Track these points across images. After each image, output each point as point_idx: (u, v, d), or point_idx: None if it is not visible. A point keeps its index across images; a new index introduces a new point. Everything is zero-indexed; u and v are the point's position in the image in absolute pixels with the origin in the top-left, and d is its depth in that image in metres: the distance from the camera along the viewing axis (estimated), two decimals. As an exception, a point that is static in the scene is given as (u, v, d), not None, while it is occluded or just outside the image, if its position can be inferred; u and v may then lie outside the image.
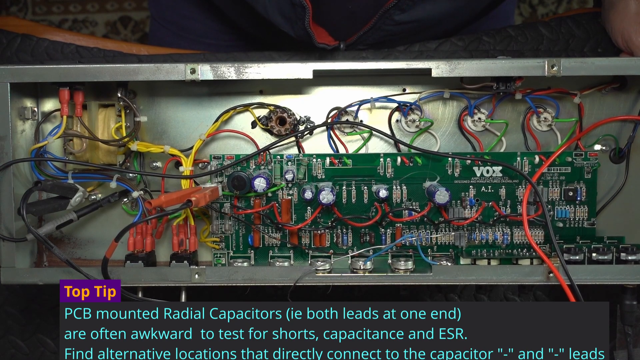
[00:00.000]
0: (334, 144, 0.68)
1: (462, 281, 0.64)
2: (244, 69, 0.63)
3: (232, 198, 0.67)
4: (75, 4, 2.02)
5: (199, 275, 0.64)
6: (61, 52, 0.80)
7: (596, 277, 0.63)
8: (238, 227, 0.68)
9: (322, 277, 0.64)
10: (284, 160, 0.67)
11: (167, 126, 0.69)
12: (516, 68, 0.62)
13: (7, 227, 0.63)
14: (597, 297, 0.75)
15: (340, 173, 0.67)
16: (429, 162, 0.66)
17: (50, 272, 0.64)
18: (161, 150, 0.66)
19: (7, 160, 0.63)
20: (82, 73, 0.63)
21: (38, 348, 0.79)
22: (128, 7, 2.02)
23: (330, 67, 0.63)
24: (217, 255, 0.68)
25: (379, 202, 0.66)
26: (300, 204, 0.67)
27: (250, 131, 0.69)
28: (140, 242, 0.68)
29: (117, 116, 0.67)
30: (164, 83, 0.68)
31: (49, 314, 0.79)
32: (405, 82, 0.68)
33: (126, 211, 0.70)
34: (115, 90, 0.66)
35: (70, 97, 0.64)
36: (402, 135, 0.69)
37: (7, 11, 2.00)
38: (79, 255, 0.71)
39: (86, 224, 0.70)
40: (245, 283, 0.64)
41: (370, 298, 0.78)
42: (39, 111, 0.68)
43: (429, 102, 0.68)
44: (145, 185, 0.69)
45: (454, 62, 0.62)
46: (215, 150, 0.69)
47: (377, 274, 0.64)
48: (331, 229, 0.68)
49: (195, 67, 0.63)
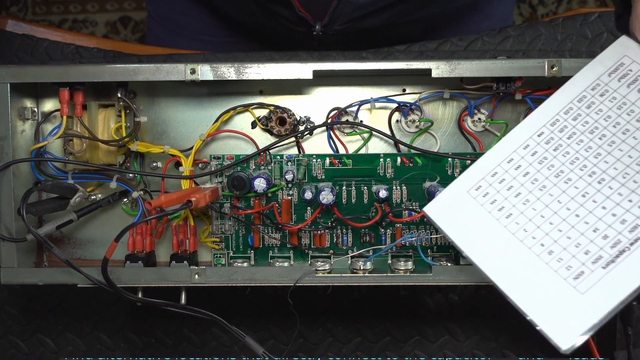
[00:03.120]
0: (334, 144, 0.68)
1: (462, 281, 0.63)
2: (244, 69, 0.63)
3: (232, 198, 0.67)
4: (75, 4, 2.02)
5: (199, 276, 0.64)
6: (61, 52, 0.80)
7: (596, 278, 0.63)
8: (238, 227, 0.68)
9: (322, 278, 0.64)
10: (284, 160, 0.67)
11: (167, 126, 0.69)
12: (516, 68, 0.62)
13: (7, 227, 0.63)
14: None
15: (340, 173, 0.67)
16: (428, 163, 0.66)
17: (50, 272, 0.64)
18: (161, 150, 0.66)
19: (7, 160, 0.63)
20: (82, 73, 0.63)
21: (38, 348, 0.79)
22: (128, 7, 2.01)
23: (330, 67, 0.63)
24: (217, 256, 0.68)
25: (379, 202, 0.66)
26: (300, 204, 0.67)
27: (250, 131, 0.69)
28: (140, 242, 0.68)
29: (117, 116, 0.67)
30: (164, 83, 0.68)
31: (49, 314, 0.79)
32: (405, 82, 0.68)
33: (126, 211, 0.70)
34: (115, 90, 0.66)
35: (70, 97, 0.64)
36: (402, 136, 0.69)
37: (7, 11, 2.00)
38: (79, 255, 0.71)
39: (86, 224, 0.71)
40: (245, 283, 0.64)
41: (370, 298, 0.78)
42: (39, 111, 0.68)
43: (429, 102, 0.68)
44: (145, 185, 0.69)
45: (454, 62, 0.62)
46: (215, 150, 0.69)
47: (377, 274, 0.64)
48: (331, 229, 0.68)
49: (195, 67, 0.63)
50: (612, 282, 0.49)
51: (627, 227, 0.50)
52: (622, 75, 0.57)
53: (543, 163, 0.56)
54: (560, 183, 0.54)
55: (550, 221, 0.53)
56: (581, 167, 0.54)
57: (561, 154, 0.56)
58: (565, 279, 0.50)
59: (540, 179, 0.55)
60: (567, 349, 0.48)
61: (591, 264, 0.50)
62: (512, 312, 0.50)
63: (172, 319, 0.78)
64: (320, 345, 0.79)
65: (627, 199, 0.52)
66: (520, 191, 0.56)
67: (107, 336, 0.79)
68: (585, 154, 0.55)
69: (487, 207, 0.56)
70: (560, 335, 0.48)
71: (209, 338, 0.79)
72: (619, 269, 0.49)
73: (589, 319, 0.48)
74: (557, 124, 0.57)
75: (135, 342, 0.79)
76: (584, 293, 0.49)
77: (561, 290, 0.49)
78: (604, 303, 0.48)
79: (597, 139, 0.55)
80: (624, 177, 0.53)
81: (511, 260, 0.53)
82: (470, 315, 0.77)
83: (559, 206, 0.53)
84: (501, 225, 0.54)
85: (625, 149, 0.54)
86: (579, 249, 0.51)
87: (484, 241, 0.55)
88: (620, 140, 0.54)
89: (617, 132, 0.55)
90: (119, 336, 0.79)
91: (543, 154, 0.56)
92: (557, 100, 0.59)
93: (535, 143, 0.57)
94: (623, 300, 0.48)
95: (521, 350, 0.78)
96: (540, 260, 0.51)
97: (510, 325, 0.78)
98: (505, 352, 0.78)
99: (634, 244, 0.50)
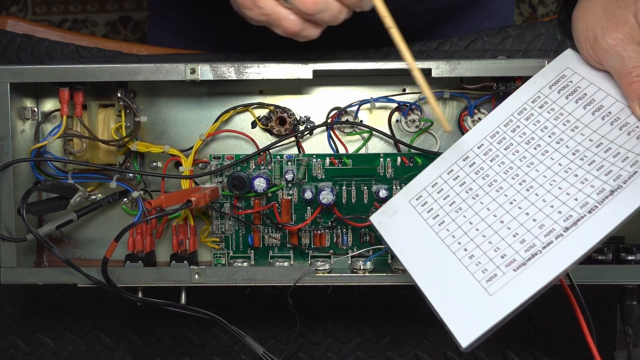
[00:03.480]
0: (334, 144, 0.68)
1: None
2: (244, 69, 0.63)
3: (232, 198, 0.67)
4: (75, 4, 2.02)
5: (199, 276, 0.64)
6: (61, 52, 0.80)
7: (596, 278, 0.63)
8: (238, 227, 0.68)
9: (322, 277, 0.64)
10: (284, 160, 0.67)
11: (167, 126, 0.69)
12: (516, 68, 0.62)
13: (7, 227, 0.63)
14: (597, 297, 0.75)
15: (340, 173, 0.67)
16: (428, 162, 0.66)
17: (50, 272, 0.64)
18: (161, 150, 0.66)
19: (7, 160, 0.63)
20: (82, 73, 0.63)
21: (38, 348, 0.79)
22: (128, 7, 2.01)
23: (330, 67, 0.63)
24: (217, 255, 0.68)
25: (379, 202, 0.66)
26: (300, 204, 0.67)
27: (250, 131, 0.69)
28: (140, 242, 0.68)
29: (117, 116, 0.67)
30: (164, 83, 0.68)
31: (49, 314, 0.79)
32: (405, 82, 0.68)
33: (126, 211, 0.70)
34: (115, 90, 0.66)
35: (70, 97, 0.64)
36: (402, 136, 0.69)
37: (7, 11, 2.00)
38: (79, 255, 0.71)
39: (86, 224, 0.71)
40: (245, 283, 0.64)
41: (370, 298, 0.78)
42: (39, 111, 0.68)
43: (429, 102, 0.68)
44: (145, 185, 0.69)
45: (454, 62, 0.62)
46: (215, 150, 0.69)
47: (377, 274, 0.64)
48: (331, 229, 0.68)
49: (195, 67, 0.63)
50: (517, 284, 0.50)
51: (544, 232, 0.51)
52: (562, 87, 0.58)
53: (479, 173, 0.58)
54: (492, 192, 0.56)
55: (476, 227, 0.55)
56: (513, 176, 0.56)
57: (497, 164, 0.58)
58: (479, 281, 0.51)
59: (474, 188, 0.57)
60: (466, 347, 0.49)
61: (504, 267, 0.51)
62: (512, 312, 0.50)
63: (172, 319, 0.78)
64: (320, 345, 0.79)
65: (550, 204, 0.53)
66: (455, 200, 0.58)
67: (107, 336, 0.79)
68: (519, 163, 0.57)
69: (424, 216, 0.58)
70: (462, 332, 0.49)
71: (209, 338, 0.79)
72: (528, 272, 0.50)
73: (491, 319, 0.49)
74: (496, 136, 0.59)
75: (135, 342, 0.79)
76: (492, 295, 0.50)
77: (473, 291, 0.51)
78: (506, 305, 0.49)
79: (532, 148, 0.57)
80: (550, 185, 0.54)
81: (436, 264, 0.55)
82: (470, 315, 0.77)
83: (487, 213, 0.55)
84: (434, 232, 0.57)
85: (557, 157, 0.55)
86: (497, 252, 0.52)
87: (416, 247, 0.57)
88: (554, 150, 0.56)
89: (551, 142, 0.56)
90: (119, 336, 0.79)
91: (480, 164, 0.58)
92: (499, 113, 0.61)
93: (474, 154, 0.59)
94: (524, 302, 0.49)
95: (521, 350, 0.78)
96: (461, 264, 0.53)
97: (510, 325, 0.77)
98: (505, 352, 0.78)
99: (546, 247, 0.50)
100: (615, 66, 0.53)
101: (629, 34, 0.53)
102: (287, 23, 0.55)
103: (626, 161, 0.52)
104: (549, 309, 0.76)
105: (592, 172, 0.53)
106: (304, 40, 0.57)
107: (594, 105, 0.56)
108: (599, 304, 0.71)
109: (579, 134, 0.55)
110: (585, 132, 0.55)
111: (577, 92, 0.57)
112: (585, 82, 0.57)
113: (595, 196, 0.51)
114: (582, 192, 0.52)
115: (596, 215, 0.50)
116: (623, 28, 0.53)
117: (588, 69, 0.58)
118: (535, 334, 0.78)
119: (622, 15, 0.53)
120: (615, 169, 0.52)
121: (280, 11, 0.54)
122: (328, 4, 0.54)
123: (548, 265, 0.49)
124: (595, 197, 0.51)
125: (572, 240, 0.50)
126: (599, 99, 0.56)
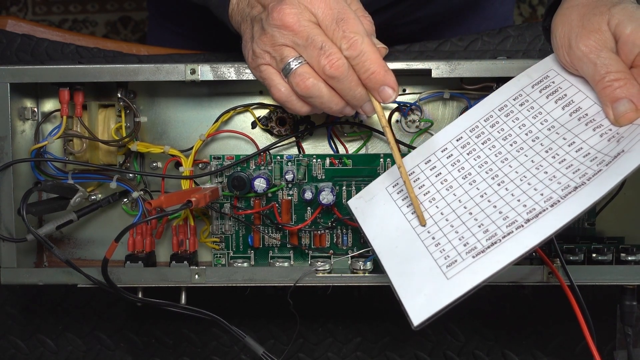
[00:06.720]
0: (334, 144, 0.68)
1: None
2: (244, 69, 0.63)
3: (232, 198, 0.67)
4: (75, 4, 2.02)
5: (199, 276, 0.64)
6: (61, 52, 0.80)
7: (596, 278, 0.63)
8: (238, 227, 0.68)
9: (322, 278, 0.64)
10: (284, 160, 0.67)
11: (167, 126, 0.69)
12: (516, 68, 0.62)
13: (7, 227, 0.63)
14: (597, 297, 0.75)
15: (340, 173, 0.67)
16: (429, 163, 0.66)
17: (50, 272, 0.64)
18: (161, 150, 0.66)
19: (7, 160, 0.63)
20: (82, 73, 0.63)
21: (38, 348, 0.79)
22: (128, 7, 2.01)
23: (330, 68, 0.63)
24: (217, 256, 0.68)
25: (379, 202, 0.66)
26: (300, 204, 0.67)
27: (250, 131, 0.69)
28: (140, 242, 0.68)
29: (117, 116, 0.67)
30: (164, 83, 0.68)
31: (49, 314, 0.79)
32: (405, 82, 0.68)
33: (126, 211, 0.70)
34: (115, 90, 0.66)
35: (70, 97, 0.64)
36: (402, 136, 0.69)
37: (7, 11, 2.00)
38: (79, 255, 0.71)
39: (86, 224, 0.70)
40: (245, 283, 0.64)
41: (370, 298, 0.78)
42: (39, 111, 0.68)
43: (429, 102, 0.68)
44: (145, 185, 0.69)
45: (454, 62, 0.62)
46: (215, 150, 0.69)
47: (377, 274, 0.64)
48: (331, 230, 0.68)
49: (195, 67, 0.63)
50: (472, 270, 0.52)
51: (507, 223, 0.53)
52: (544, 87, 0.60)
53: (455, 165, 0.59)
54: (465, 184, 0.58)
55: (447, 218, 0.57)
56: (487, 170, 0.58)
57: (473, 157, 0.59)
58: (440, 266, 0.53)
59: (449, 180, 0.59)
60: (417, 325, 0.51)
61: (465, 254, 0.53)
62: (512, 312, 0.50)
63: (172, 319, 0.78)
64: (320, 345, 0.79)
65: (517, 198, 0.54)
66: (429, 190, 0.59)
67: (107, 336, 0.79)
68: (494, 158, 0.58)
69: (398, 203, 0.60)
70: (415, 312, 0.52)
71: (209, 338, 0.79)
72: (484, 259, 0.52)
73: (443, 300, 0.51)
74: (475, 130, 0.61)
75: (135, 342, 0.79)
76: (450, 279, 0.52)
77: (432, 275, 0.53)
78: (458, 288, 0.51)
79: (508, 145, 0.58)
80: (520, 180, 0.56)
81: (402, 248, 0.57)
82: (470, 315, 0.77)
83: (458, 205, 0.57)
84: (406, 220, 0.58)
85: (530, 154, 0.57)
86: (461, 241, 0.54)
87: (388, 232, 0.58)
88: (528, 147, 0.57)
89: (527, 140, 0.58)
90: (119, 336, 0.79)
91: (457, 157, 0.60)
92: (480, 108, 0.62)
93: (452, 147, 0.61)
94: (476, 286, 0.51)
95: (521, 350, 0.78)
96: (427, 250, 0.55)
97: (509, 325, 0.78)
98: (505, 352, 0.78)
99: (506, 236, 0.52)
100: (589, 72, 0.55)
101: (602, 41, 0.54)
102: (275, 91, 0.57)
103: (594, 161, 0.53)
104: (549, 309, 0.76)
105: (562, 169, 0.54)
106: (292, 112, 0.60)
107: (573, 107, 0.57)
108: (599, 304, 0.71)
109: (554, 133, 0.57)
110: (560, 132, 0.57)
111: (558, 93, 0.58)
112: (567, 83, 0.58)
113: (560, 192, 0.53)
114: (549, 187, 0.54)
115: (557, 208, 0.52)
116: (596, 35, 0.54)
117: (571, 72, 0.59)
118: (535, 334, 0.78)
119: (595, 23, 0.54)
120: (583, 167, 0.53)
121: (275, 79, 0.57)
122: (321, 92, 0.56)
123: (504, 253, 0.51)
124: (559, 193, 0.53)
125: (530, 230, 0.51)
126: (578, 100, 0.57)
